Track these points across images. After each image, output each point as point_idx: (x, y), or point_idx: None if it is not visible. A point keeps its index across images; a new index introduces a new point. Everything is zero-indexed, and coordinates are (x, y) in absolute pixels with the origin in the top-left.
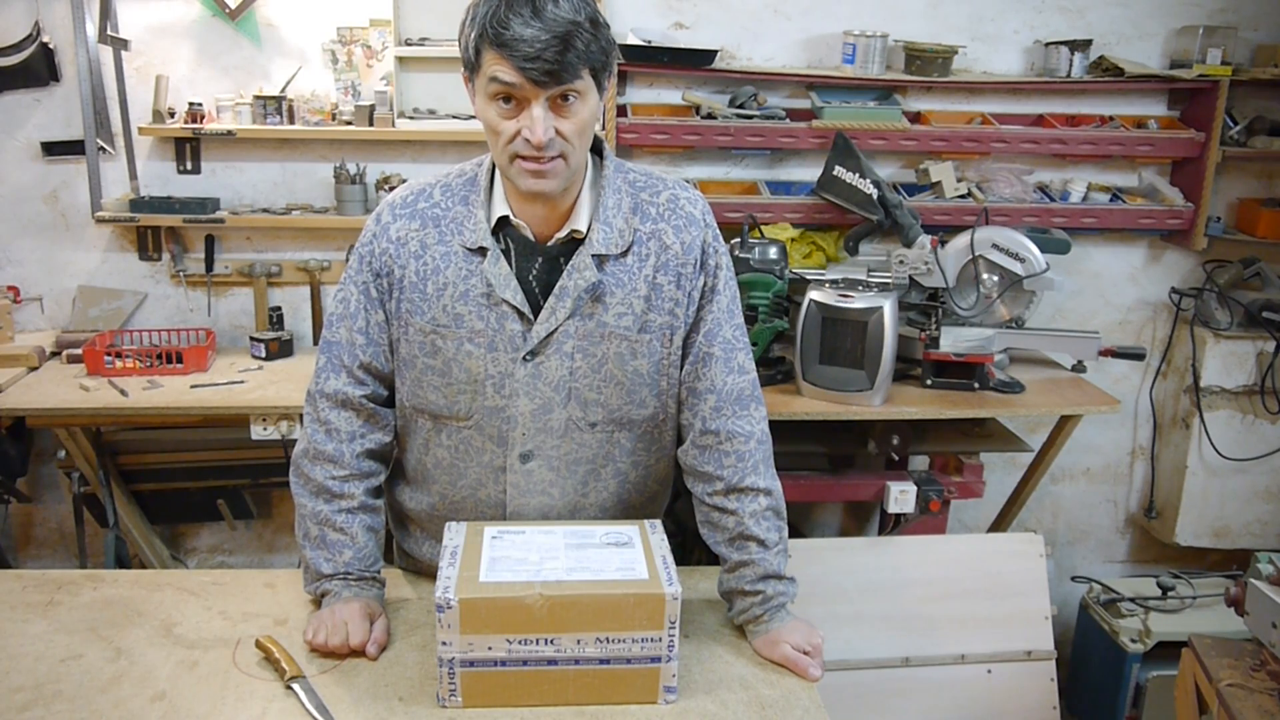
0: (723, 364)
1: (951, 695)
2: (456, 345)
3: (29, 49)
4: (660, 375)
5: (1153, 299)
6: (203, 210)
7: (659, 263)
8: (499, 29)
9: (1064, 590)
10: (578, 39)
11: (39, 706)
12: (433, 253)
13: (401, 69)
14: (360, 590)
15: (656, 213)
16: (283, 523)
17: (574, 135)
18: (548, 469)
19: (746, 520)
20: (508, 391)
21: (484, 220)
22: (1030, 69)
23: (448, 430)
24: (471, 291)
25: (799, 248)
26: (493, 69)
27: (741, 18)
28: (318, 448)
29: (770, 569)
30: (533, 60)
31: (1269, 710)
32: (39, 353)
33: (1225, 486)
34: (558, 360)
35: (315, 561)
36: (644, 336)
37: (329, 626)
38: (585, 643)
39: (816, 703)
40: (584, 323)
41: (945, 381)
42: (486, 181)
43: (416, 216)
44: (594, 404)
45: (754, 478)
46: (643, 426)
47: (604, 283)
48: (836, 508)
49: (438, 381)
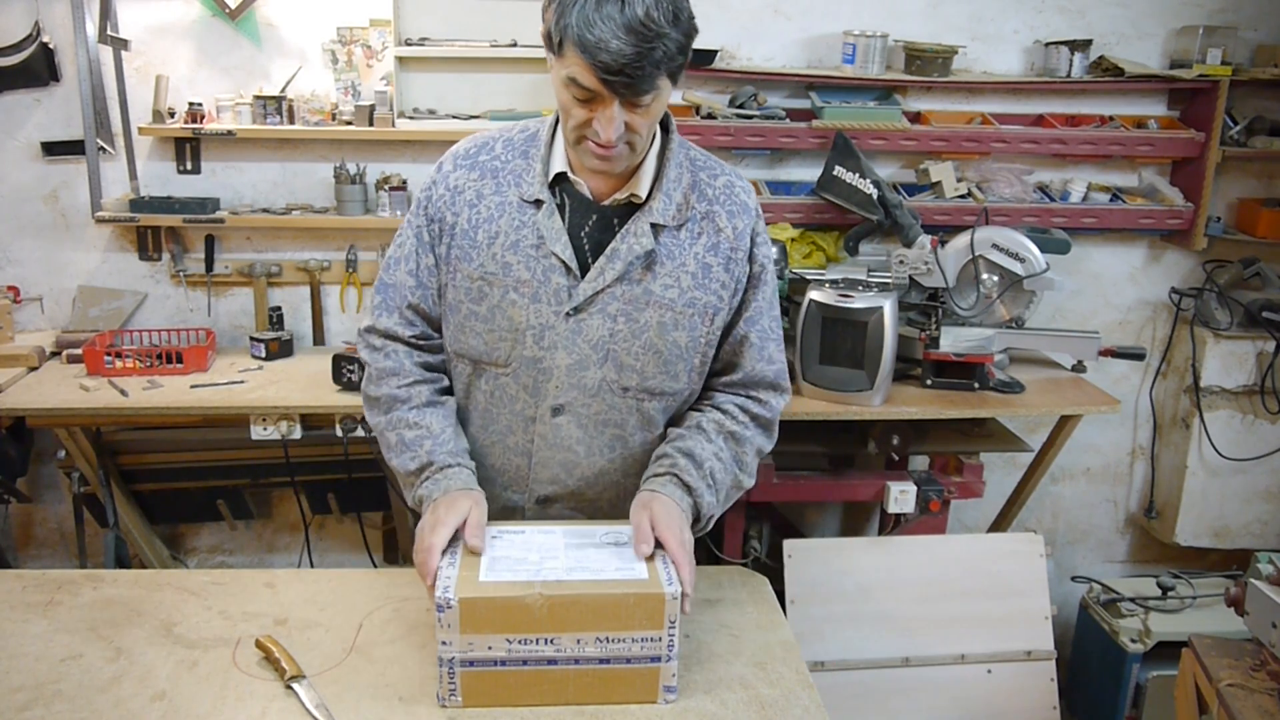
0: (757, 351)
1: (951, 695)
2: (502, 293)
3: (29, 49)
4: (695, 353)
5: (1153, 299)
6: (203, 210)
7: (711, 244)
8: (585, 30)
9: (1064, 590)
10: (660, 49)
11: (39, 706)
12: (488, 202)
13: (401, 69)
14: (449, 480)
15: (713, 194)
16: (283, 523)
17: (644, 128)
18: (576, 426)
19: (707, 421)
20: (547, 343)
21: (542, 174)
22: (1030, 69)
23: (486, 376)
24: (522, 242)
25: (799, 248)
26: (573, 69)
27: (741, 18)
28: (377, 366)
29: (693, 449)
30: (614, 73)
31: (1269, 710)
32: (39, 353)
33: (1225, 486)
34: (600, 320)
35: (402, 465)
36: (688, 311)
37: (418, 549)
38: (585, 642)
39: (816, 702)
40: (631, 288)
41: (945, 381)
42: (548, 137)
43: (476, 168)
44: (630, 369)
45: (738, 414)
46: (673, 399)
47: (657, 252)
48: (836, 508)
49: (480, 328)
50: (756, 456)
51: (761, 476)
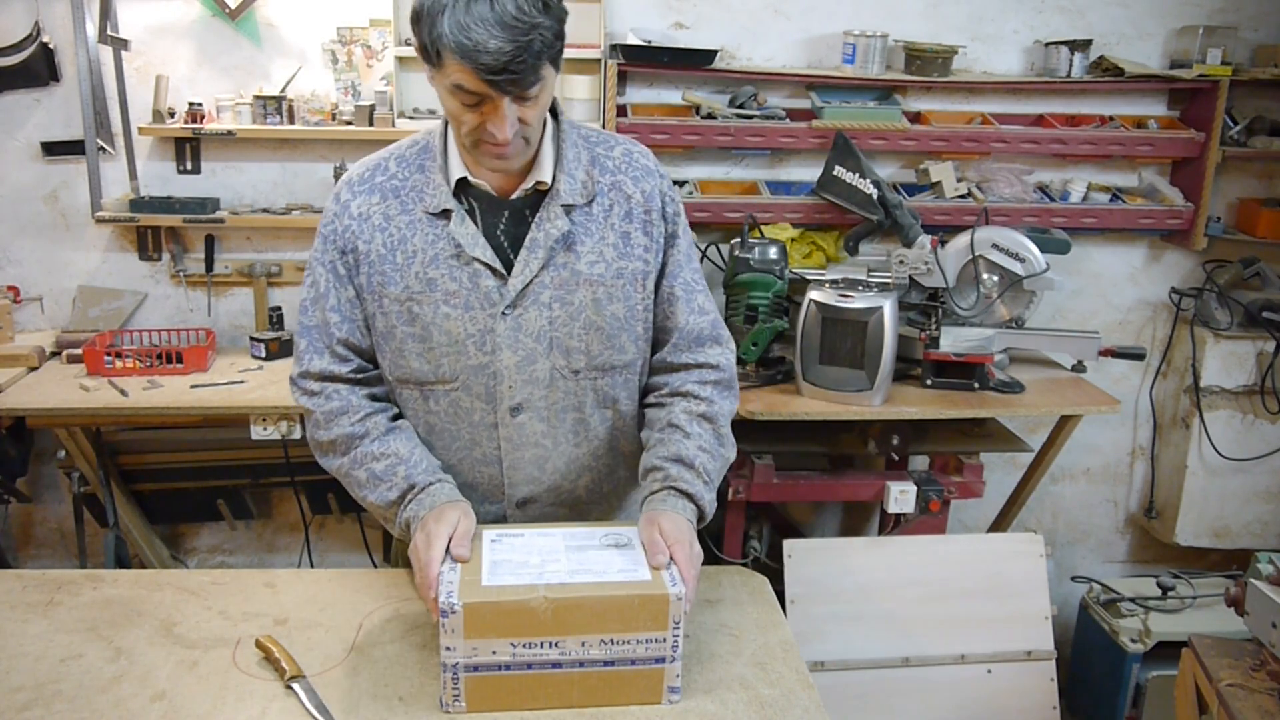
0: (684, 304)
1: (951, 695)
2: (433, 309)
3: (29, 49)
4: (636, 320)
5: (1153, 299)
6: (203, 210)
7: (624, 212)
8: (461, 37)
9: (1064, 590)
10: (537, 39)
11: (39, 706)
12: (397, 223)
13: (401, 69)
14: (433, 496)
15: (614, 165)
16: (282, 523)
17: (535, 119)
18: (538, 420)
19: (678, 414)
20: (489, 347)
21: (444, 183)
22: (1030, 69)
23: (435, 396)
24: (441, 255)
25: (799, 248)
26: (455, 76)
27: (741, 18)
28: (323, 410)
29: (680, 452)
30: (498, 72)
31: (1269, 710)
32: (39, 353)
33: (1225, 486)
34: (536, 311)
35: (380, 498)
36: (619, 282)
37: (416, 568)
38: (590, 645)
39: (816, 702)
40: (558, 272)
41: (945, 381)
42: (440, 145)
43: (375, 190)
44: (576, 351)
45: (700, 390)
46: (624, 373)
47: (574, 232)
48: (836, 508)
49: (419, 348)
50: (729, 421)
51: (761, 476)
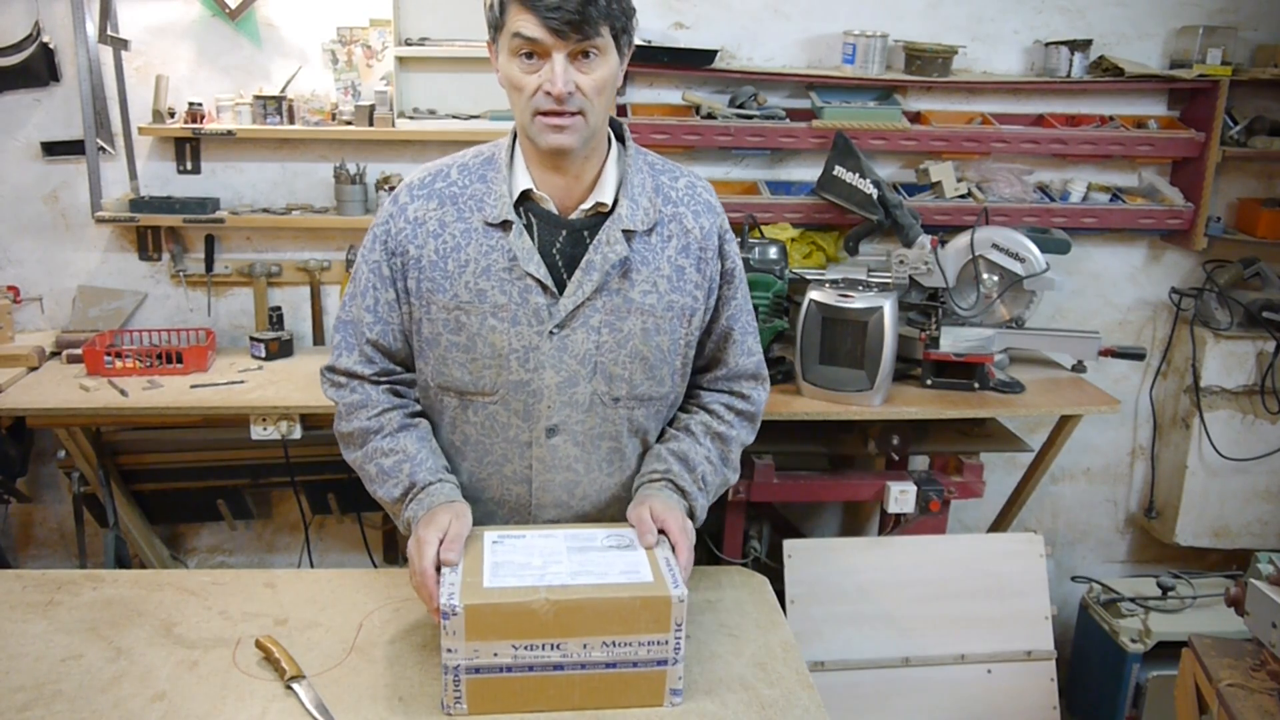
0: (739, 346)
1: (951, 695)
2: (480, 320)
3: (29, 49)
4: (676, 355)
5: (1153, 299)
6: (203, 210)
7: (681, 245)
8: None
9: (1064, 590)
10: None
11: (39, 706)
12: (452, 230)
13: (401, 69)
14: (431, 497)
15: (677, 196)
16: (282, 523)
17: (593, 93)
18: (573, 444)
19: (695, 424)
20: (532, 365)
21: (506, 194)
22: (1030, 69)
23: (474, 407)
24: (494, 266)
25: (799, 248)
26: (516, 23)
27: (741, 18)
28: (345, 402)
29: (685, 454)
30: (555, 10)
31: (1269, 710)
32: (39, 353)
33: (1225, 486)
34: (584, 334)
35: (387, 493)
36: (668, 315)
37: (412, 574)
38: (592, 647)
39: (816, 703)
40: (611, 298)
41: (945, 381)
42: (506, 157)
43: (434, 196)
44: (619, 379)
45: (723, 412)
46: (658, 405)
47: (631, 259)
48: (836, 508)
49: (462, 358)
50: (740, 450)
51: (761, 476)
